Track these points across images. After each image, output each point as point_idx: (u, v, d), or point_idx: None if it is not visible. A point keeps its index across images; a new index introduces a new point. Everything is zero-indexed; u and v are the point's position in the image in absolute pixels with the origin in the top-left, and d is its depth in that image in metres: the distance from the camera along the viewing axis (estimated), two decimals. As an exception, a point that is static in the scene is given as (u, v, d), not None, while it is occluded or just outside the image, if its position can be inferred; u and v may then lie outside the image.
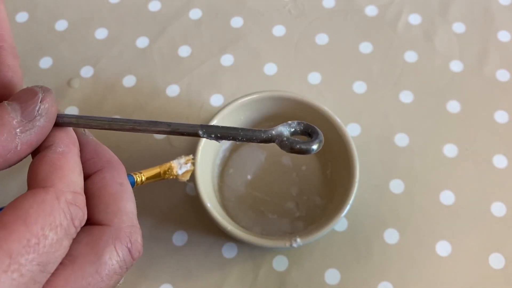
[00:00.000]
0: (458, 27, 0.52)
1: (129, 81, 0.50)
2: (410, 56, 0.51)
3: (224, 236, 0.43)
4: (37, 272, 0.22)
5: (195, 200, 0.45)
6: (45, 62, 0.51)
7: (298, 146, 0.25)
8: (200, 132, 0.26)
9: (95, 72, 0.51)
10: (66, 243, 0.23)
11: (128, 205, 0.27)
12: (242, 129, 0.26)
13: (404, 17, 0.53)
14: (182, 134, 0.27)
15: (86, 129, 0.29)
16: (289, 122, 0.27)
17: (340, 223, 0.44)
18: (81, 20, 0.53)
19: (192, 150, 0.41)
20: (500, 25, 0.52)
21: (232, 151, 0.46)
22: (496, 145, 0.46)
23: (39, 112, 0.25)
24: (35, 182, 0.24)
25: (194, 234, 0.44)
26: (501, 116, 0.48)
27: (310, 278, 0.42)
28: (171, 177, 0.37)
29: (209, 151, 0.43)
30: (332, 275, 0.42)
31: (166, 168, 0.37)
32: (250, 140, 0.26)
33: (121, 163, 0.28)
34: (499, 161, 0.46)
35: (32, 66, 0.51)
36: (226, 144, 0.46)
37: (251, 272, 0.43)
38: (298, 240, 0.39)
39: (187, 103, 0.49)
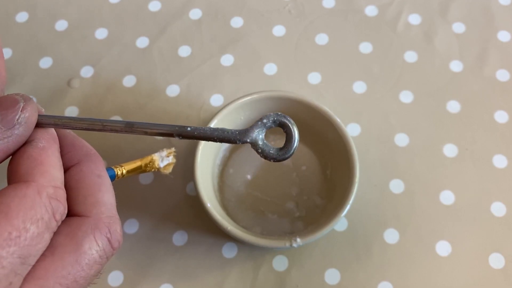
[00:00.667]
0: (458, 27, 0.52)
1: (129, 81, 0.50)
2: (410, 56, 0.51)
3: (224, 236, 0.43)
4: (18, 265, 0.22)
5: (195, 200, 0.45)
6: (45, 62, 0.51)
7: (271, 160, 0.27)
8: (174, 134, 0.27)
9: (95, 72, 0.51)
10: (47, 237, 0.24)
11: (106, 196, 0.27)
12: (217, 130, 0.27)
13: (404, 17, 0.53)
14: (159, 135, 0.27)
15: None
16: (264, 120, 0.27)
17: (340, 223, 0.44)
18: (81, 20, 0.53)
19: (192, 151, 0.41)
20: (500, 25, 0.52)
21: (232, 151, 0.46)
22: (496, 145, 0.46)
23: (19, 121, 0.25)
24: (16, 177, 0.24)
25: (194, 234, 0.44)
26: (501, 116, 0.48)
27: (310, 278, 0.42)
28: (153, 170, 0.37)
29: (209, 151, 0.43)
30: (332, 275, 0.42)
31: (148, 161, 0.36)
32: (225, 142, 0.27)
33: (99, 156, 0.28)
34: (499, 161, 0.46)
35: (32, 66, 0.51)
36: (226, 144, 0.45)
37: (251, 272, 0.43)
38: (298, 240, 0.39)
39: (187, 103, 0.49)
